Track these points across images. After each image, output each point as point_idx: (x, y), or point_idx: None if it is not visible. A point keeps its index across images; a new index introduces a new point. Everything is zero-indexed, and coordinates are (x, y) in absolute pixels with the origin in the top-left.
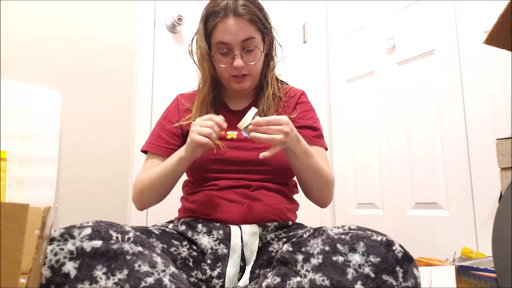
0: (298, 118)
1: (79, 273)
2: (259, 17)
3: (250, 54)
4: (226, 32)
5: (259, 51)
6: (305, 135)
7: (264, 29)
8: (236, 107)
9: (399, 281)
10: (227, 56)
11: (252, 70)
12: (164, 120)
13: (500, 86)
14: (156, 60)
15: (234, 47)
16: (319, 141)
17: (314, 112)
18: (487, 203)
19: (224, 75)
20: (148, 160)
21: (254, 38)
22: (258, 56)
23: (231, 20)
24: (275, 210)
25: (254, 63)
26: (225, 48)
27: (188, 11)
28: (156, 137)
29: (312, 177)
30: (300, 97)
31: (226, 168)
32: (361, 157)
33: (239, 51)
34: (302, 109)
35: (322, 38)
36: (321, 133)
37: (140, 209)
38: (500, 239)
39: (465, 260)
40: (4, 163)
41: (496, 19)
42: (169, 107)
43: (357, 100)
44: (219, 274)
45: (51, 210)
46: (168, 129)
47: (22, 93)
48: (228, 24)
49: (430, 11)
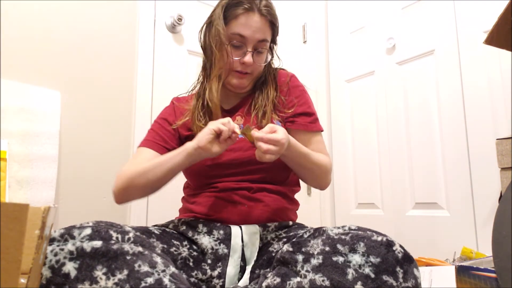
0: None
1: (79, 274)
2: (276, 23)
3: (259, 56)
4: (247, 26)
5: (267, 54)
6: (301, 122)
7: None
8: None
9: (399, 281)
10: (238, 49)
11: (255, 70)
12: (160, 119)
13: (500, 86)
14: (156, 60)
15: (249, 43)
16: (315, 125)
17: (307, 95)
18: (487, 203)
19: (227, 67)
20: (141, 154)
21: (267, 41)
22: (265, 59)
23: (256, 16)
24: (276, 211)
25: (261, 65)
26: (240, 41)
27: (188, 11)
28: (154, 134)
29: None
30: (290, 80)
31: (225, 172)
32: (361, 157)
33: (252, 49)
34: (294, 94)
35: (322, 38)
36: (316, 117)
37: (120, 202)
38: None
39: (465, 260)
40: (4, 163)
41: (496, 19)
42: (165, 109)
43: (357, 100)
44: (219, 274)
45: (51, 210)
46: (166, 128)
47: (22, 93)
48: (253, 19)
49: (430, 11)
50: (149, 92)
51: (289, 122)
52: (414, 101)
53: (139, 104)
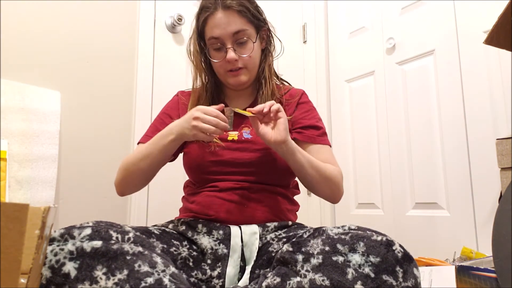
0: (300, 118)
1: (79, 273)
2: (248, 8)
3: (243, 47)
4: (215, 26)
5: (252, 42)
6: (309, 135)
7: (256, 20)
8: (237, 107)
9: (399, 281)
10: (220, 51)
11: (248, 63)
12: (163, 114)
13: (500, 86)
14: (156, 60)
15: (225, 40)
16: (323, 139)
17: (316, 111)
18: (487, 203)
19: (220, 71)
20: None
21: (246, 30)
22: (251, 48)
23: (219, 13)
24: (275, 211)
25: (247, 55)
26: (218, 42)
27: (188, 11)
28: (154, 130)
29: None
30: (301, 97)
31: (227, 170)
32: (361, 157)
33: (231, 44)
34: (303, 109)
35: (322, 38)
36: (324, 131)
37: (121, 193)
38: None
39: (465, 260)
40: (4, 163)
41: (496, 19)
42: (169, 103)
43: (357, 100)
44: (219, 274)
45: (51, 210)
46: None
47: (22, 93)
48: (217, 17)
49: (430, 11)
50: (149, 92)
51: (297, 132)
52: (414, 101)
53: (139, 104)
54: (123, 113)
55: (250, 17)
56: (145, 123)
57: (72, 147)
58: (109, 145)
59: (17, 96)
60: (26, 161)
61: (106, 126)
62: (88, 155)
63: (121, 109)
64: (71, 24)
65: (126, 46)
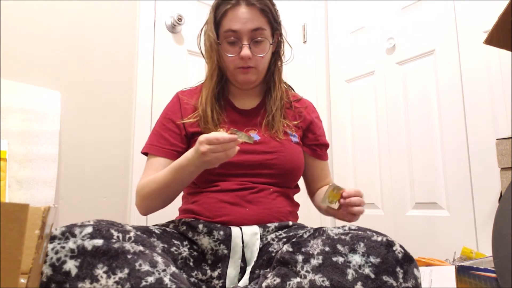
0: (318, 135)
1: (80, 272)
2: (270, 9)
3: (258, 46)
4: (236, 19)
5: (268, 43)
6: (320, 153)
7: (274, 22)
8: (243, 106)
9: (399, 281)
10: (235, 45)
11: (259, 63)
12: (165, 119)
13: (500, 86)
14: (156, 60)
15: (242, 36)
16: (326, 155)
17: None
18: (487, 203)
19: (229, 66)
20: (151, 163)
21: (264, 29)
22: (266, 48)
23: (242, 8)
24: (277, 213)
25: (262, 55)
26: (234, 36)
27: (188, 11)
28: (158, 137)
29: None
30: (314, 110)
31: (233, 172)
32: (361, 157)
33: (248, 41)
34: (319, 126)
35: (322, 38)
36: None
37: (144, 214)
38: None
39: (465, 260)
40: (4, 163)
41: (496, 19)
42: (170, 105)
43: (357, 100)
44: (219, 275)
45: (51, 210)
46: (171, 129)
47: (22, 93)
48: (239, 12)
49: (430, 11)
50: (149, 92)
51: (311, 150)
52: (414, 101)
53: (139, 104)
54: (123, 113)
55: (270, 18)
56: (145, 123)
57: (72, 147)
58: (109, 145)
59: (17, 96)
60: (26, 161)
61: (106, 126)
62: (88, 155)
63: (121, 109)
64: (71, 24)
65: (126, 46)
